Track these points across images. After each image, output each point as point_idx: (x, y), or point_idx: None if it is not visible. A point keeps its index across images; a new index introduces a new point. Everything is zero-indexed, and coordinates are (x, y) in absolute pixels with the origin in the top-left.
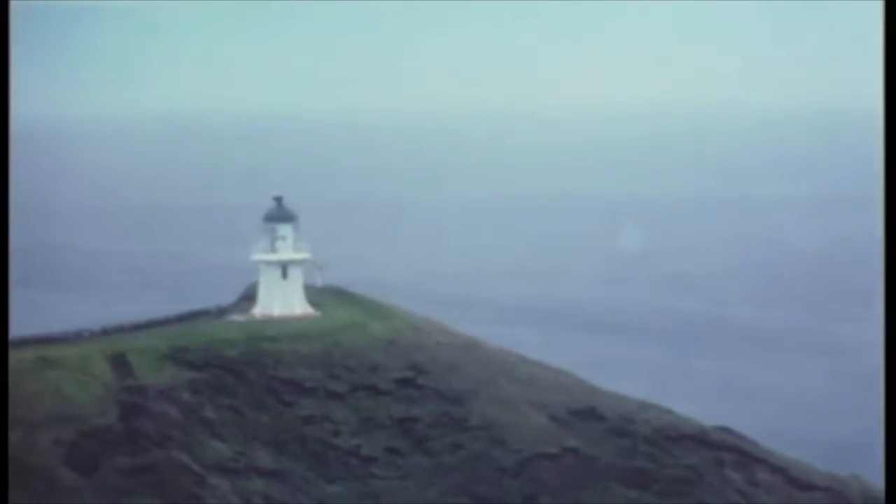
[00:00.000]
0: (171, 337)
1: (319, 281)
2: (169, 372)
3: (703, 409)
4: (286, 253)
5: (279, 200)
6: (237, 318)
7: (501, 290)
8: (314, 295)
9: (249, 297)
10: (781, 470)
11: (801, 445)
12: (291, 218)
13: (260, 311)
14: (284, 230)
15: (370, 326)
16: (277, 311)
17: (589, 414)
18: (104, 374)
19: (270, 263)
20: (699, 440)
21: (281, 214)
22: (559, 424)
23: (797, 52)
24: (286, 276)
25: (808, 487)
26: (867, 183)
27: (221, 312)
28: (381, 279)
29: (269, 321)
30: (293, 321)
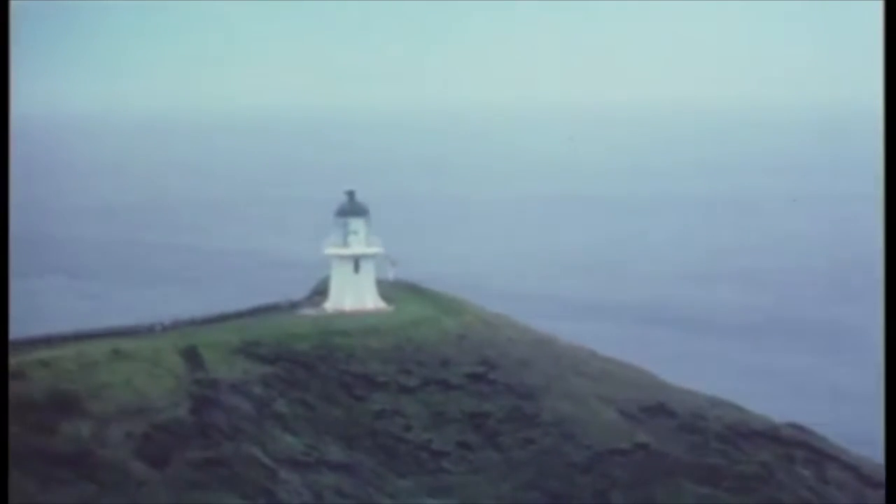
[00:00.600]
0: (242, 331)
1: (391, 275)
2: (241, 366)
3: (773, 405)
4: (358, 247)
5: (351, 195)
6: (309, 312)
7: (572, 285)
8: (386, 289)
9: (321, 291)
10: (853, 467)
11: (873, 444)
12: (364, 212)
13: (332, 305)
14: (357, 224)
15: (442, 321)
16: (349, 305)
17: (660, 410)
18: (176, 367)
19: (343, 258)
20: (770, 437)
21: (353, 209)
22: (630, 420)
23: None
24: (358, 270)
25: (879, 485)
26: None
27: (293, 306)
28: (452, 274)
29: (340, 315)
30: (365, 315)
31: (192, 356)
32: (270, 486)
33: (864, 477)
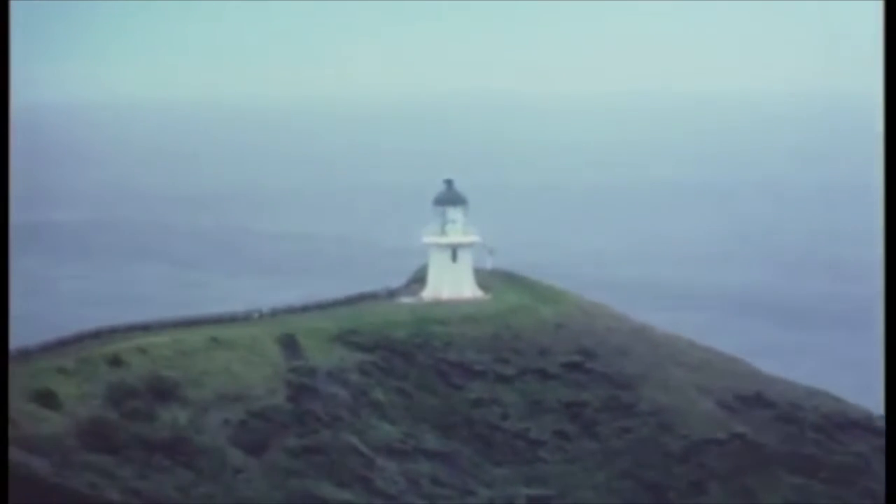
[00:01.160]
0: (340, 319)
1: (489, 264)
2: (338, 353)
3: (870, 396)
4: (456, 236)
5: (449, 183)
6: (406, 300)
7: (669, 274)
8: (483, 278)
9: (419, 279)
10: None
11: None
12: (462, 201)
13: (429, 293)
14: (455, 213)
15: (539, 310)
16: (447, 293)
17: (756, 400)
18: (273, 354)
19: (441, 246)
20: (867, 427)
21: (451, 198)
22: (727, 410)
23: None
24: (456, 258)
25: None
26: None
27: (391, 295)
28: (549, 263)
29: (438, 304)
30: (462, 304)
31: (289, 344)
32: (367, 473)
33: None
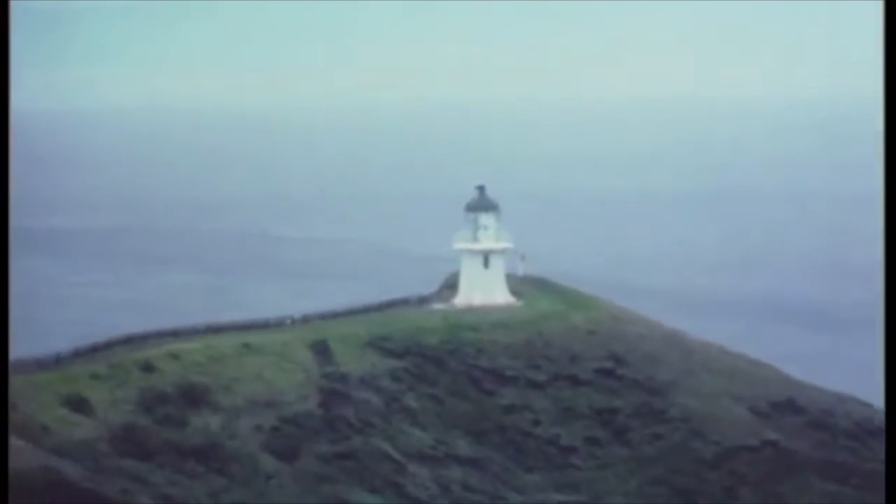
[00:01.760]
0: (371, 325)
1: (521, 270)
2: (370, 359)
3: None
4: (488, 242)
5: (482, 190)
6: (438, 306)
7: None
8: (515, 284)
9: (451, 285)
10: None
11: None
12: (494, 207)
13: (461, 299)
14: (487, 220)
15: (571, 316)
16: (478, 300)
17: (788, 406)
18: (305, 360)
19: (473, 252)
20: None
21: (483, 204)
22: (759, 417)
23: None
24: (488, 265)
25: None
26: None
27: (422, 301)
28: (580, 269)
29: (470, 310)
30: (494, 310)
31: (321, 350)
32: (399, 479)
33: None
